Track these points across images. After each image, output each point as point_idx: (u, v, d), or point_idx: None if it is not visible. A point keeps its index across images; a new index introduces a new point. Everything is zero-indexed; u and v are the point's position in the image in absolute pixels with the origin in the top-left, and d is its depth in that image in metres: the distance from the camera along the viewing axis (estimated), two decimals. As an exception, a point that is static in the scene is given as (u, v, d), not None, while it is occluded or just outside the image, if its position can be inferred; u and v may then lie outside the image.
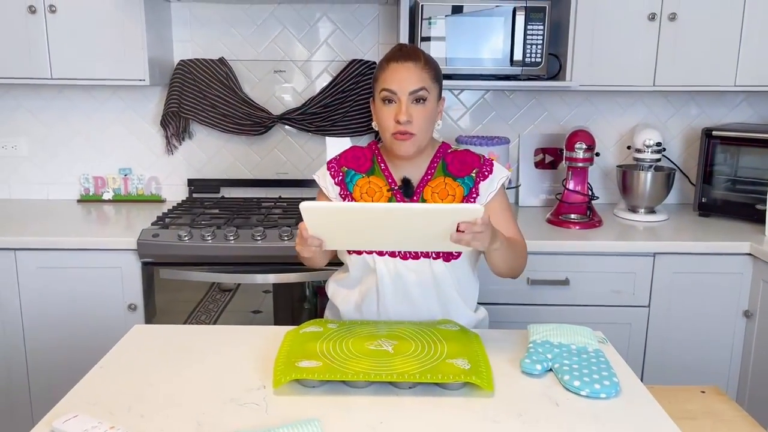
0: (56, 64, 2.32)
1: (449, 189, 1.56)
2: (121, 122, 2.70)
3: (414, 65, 1.47)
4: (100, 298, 2.19)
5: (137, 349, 1.34)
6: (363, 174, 1.60)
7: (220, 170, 2.74)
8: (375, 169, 1.60)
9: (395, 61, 1.48)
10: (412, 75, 1.46)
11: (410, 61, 1.48)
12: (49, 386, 2.23)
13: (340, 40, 2.64)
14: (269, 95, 2.67)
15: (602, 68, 2.34)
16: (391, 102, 1.47)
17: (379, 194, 1.57)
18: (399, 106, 1.46)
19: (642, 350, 2.24)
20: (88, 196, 2.72)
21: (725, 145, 2.45)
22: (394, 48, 1.54)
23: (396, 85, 1.46)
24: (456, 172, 1.57)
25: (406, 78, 1.46)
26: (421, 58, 1.49)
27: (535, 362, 1.25)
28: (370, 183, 1.58)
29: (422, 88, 1.46)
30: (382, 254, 1.52)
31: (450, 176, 1.57)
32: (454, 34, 2.27)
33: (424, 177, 1.57)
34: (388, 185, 1.57)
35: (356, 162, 1.62)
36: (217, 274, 2.17)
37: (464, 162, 1.58)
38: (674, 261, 2.18)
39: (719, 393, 1.46)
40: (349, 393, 1.16)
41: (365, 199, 1.57)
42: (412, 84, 1.46)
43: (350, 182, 1.60)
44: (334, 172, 1.61)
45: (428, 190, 1.56)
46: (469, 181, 1.56)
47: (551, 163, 2.72)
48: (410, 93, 1.46)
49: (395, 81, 1.46)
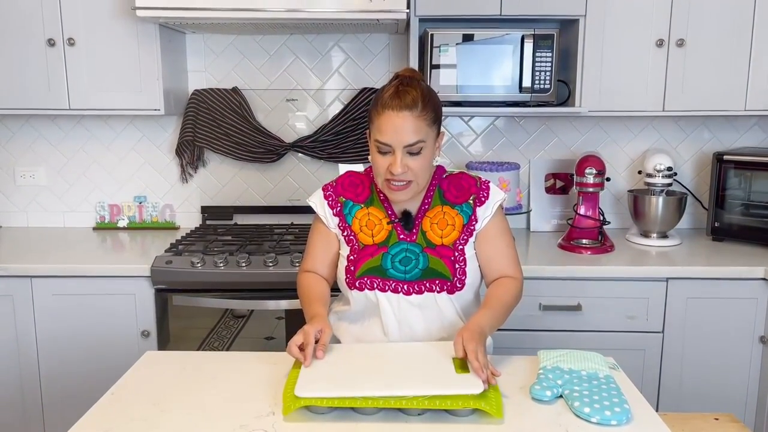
0: (74, 95, 2.38)
1: (448, 218, 1.52)
2: (137, 151, 2.75)
3: (410, 114, 1.39)
4: (114, 324, 2.20)
5: (149, 376, 1.35)
6: (361, 204, 1.56)
7: (233, 197, 2.77)
8: (374, 199, 1.56)
9: (391, 108, 1.39)
10: (407, 127, 1.39)
11: (406, 110, 1.39)
12: (63, 412, 2.24)
13: (351, 69, 2.68)
14: (282, 123, 2.71)
15: (611, 94, 2.35)
16: (386, 153, 1.42)
17: (379, 227, 1.53)
18: (394, 158, 1.41)
19: (657, 377, 2.21)
20: (103, 224, 2.76)
21: (737, 169, 2.45)
22: (391, 85, 1.44)
23: (390, 137, 1.39)
24: (453, 199, 1.54)
25: (401, 130, 1.39)
26: (419, 103, 1.40)
27: (545, 388, 1.24)
28: (369, 215, 1.54)
29: (418, 141, 1.40)
30: (384, 290, 1.49)
31: (448, 204, 1.54)
32: (464, 62, 2.30)
33: (421, 207, 1.54)
34: (388, 217, 1.54)
35: (354, 190, 1.58)
36: (230, 300, 2.18)
37: (460, 188, 1.55)
38: (688, 286, 2.16)
39: (734, 420, 1.43)
40: (357, 419, 1.16)
41: (365, 231, 1.53)
42: (407, 137, 1.39)
43: (349, 214, 1.55)
44: (332, 202, 1.57)
45: (426, 221, 1.52)
46: (468, 209, 1.53)
47: (562, 188, 2.72)
48: (405, 146, 1.40)
49: (389, 133, 1.39)
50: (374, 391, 1.16)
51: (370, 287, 1.50)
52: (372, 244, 1.52)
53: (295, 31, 2.57)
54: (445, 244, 1.51)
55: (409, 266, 1.50)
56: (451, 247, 1.51)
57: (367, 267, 1.50)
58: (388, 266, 1.50)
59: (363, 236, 1.53)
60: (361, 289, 1.50)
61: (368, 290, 1.50)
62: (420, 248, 1.51)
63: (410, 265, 1.50)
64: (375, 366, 1.28)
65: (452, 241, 1.52)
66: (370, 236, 1.53)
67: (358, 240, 1.54)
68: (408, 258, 1.50)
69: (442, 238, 1.51)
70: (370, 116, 1.46)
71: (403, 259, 1.50)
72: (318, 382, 1.21)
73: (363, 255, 1.51)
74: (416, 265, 1.49)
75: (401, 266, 1.50)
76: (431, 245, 1.51)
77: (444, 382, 1.20)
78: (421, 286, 1.49)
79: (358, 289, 1.51)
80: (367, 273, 1.50)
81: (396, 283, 1.49)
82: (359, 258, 1.51)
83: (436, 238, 1.51)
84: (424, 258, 1.50)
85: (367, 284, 1.50)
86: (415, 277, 1.49)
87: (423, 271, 1.49)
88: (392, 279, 1.49)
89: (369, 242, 1.53)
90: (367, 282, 1.50)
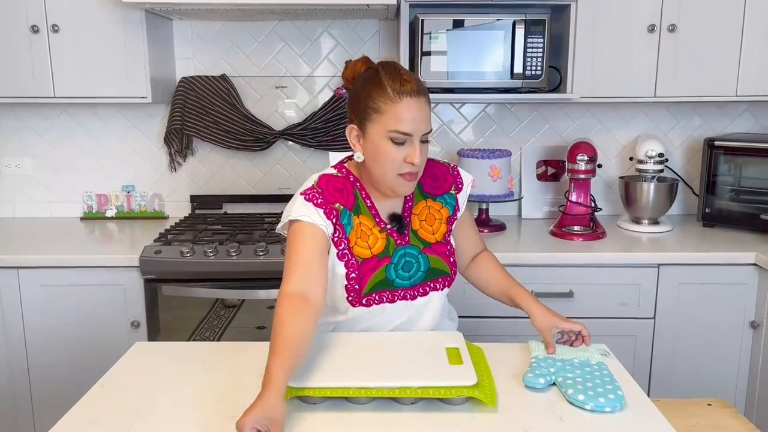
0: (59, 83, 2.33)
1: (434, 213, 1.49)
2: (124, 140, 2.71)
3: (425, 100, 1.33)
4: (103, 315, 2.18)
5: (138, 367, 1.33)
6: (351, 212, 1.41)
7: (223, 186, 2.74)
8: (360, 206, 1.42)
9: (408, 96, 1.31)
10: (425, 115, 1.33)
11: (422, 96, 1.33)
12: (52, 404, 2.22)
13: (341, 56, 2.65)
14: (271, 111, 2.68)
15: (603, 80, 2.34)
16: (401, 144, 1.33)
17: (373, 237, 1.41)
18: (412, 147, 1.33)
19: (648, 362, 2.22)
20: (91, 214, 2.73)
21: (728, 155, 2.45)
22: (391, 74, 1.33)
23: (412, 127, 1.31)
24: (432, 190, 1.50)
25: (420, 119, 1.32)
26: (423, 88, 1.35)
27: (537, 376, 1.23)
28: (361, 225, 1.41)
29: (431, 129, 1.37)
30: (393, 301, 1.42)
31: (429, 197, 1.49)
32: (455, 48, 2.28)
33: (405, 205, 1.47)
34: (377, 225, 1.42)
35: (342, 196, 1.41)
36: (220, 290, 2.17)
37: (436, 177, 1.51)
38: (679, 272, 2.16)
39: (727, 406, 1.44)
40: (350, 409, 1.15)
41: (360, 244, 1.39)
42: (426, 125, 1.34)
43: (348, 224, 1.40)
44: (328, 210, 1.37)
45: (415, 219, 1.46)
46: (451, 199, 1.51)
47: (553, 176, 2.71)
48: (423, 134, 1.34)
49: (411, 123, 1.31)
50: (368, 381, 1.16)
51: (379, 302, 1.41)
52: (371, 257, 1.40)
53: (283, 17, 2.53)
54: (438, 240, 1.48)
55: (412, 271, 1.44)
56: (443, 242, 1.49)
57: (374, 282, 1.40)
58: (393, 276, 1.42)
59: (359, 250, 1.40)
60: (369, 305, 1.41)
61: (376, 305, 1.42)
62: (417, 250, 1.45)
63: (413, 269, 1.44)
64: (368, 356, 1.27)
65: (443, 234, 1.49)
66: (366, 248, 1.40)
67: (354, 254, 1.39)
68: (409, 263, 1.44)
69: (434, 234, 1.48)
70: (374, 105, 1.32)
71: (405, 264, 1.43)
72: (310, 372, 1.20)
73: (366, 270, 1.40)
74: (418, 268, 1.44)
75: (405, 273, 1.43)
76: (427, 244, 1.46)
77: (438, 373, 1.19)
78: (426, 288, 1.46)
79: (364, 306, 1.41)
80: (375, 288, 1.40)
81: (403, 291, 1.43)
82: (362, 274, 1.39)
83: (428, 235, 1.47)
84: (425, 259, 1.45)
85: (375, 299, 1.41)
86: (419, 280, 1.45)
87: (425, 273, 1.45)
88: (399, 288, 1.43)
89: (367, 255, 1.40)
90: (375, 297, 1.41)
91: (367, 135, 1.36)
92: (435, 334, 1.38)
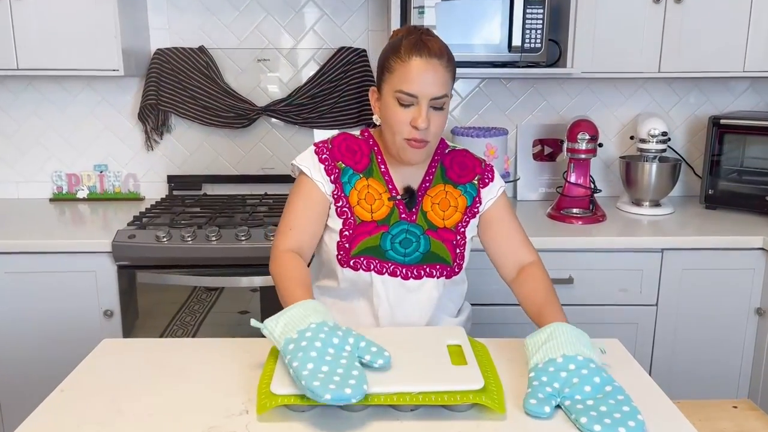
0: (23, 53, 2.16)
1: (450, 199, 1.41)
2: (95, 116, 2.54)
3: (439, 64, 1.27)
4: (74, 304, 2.04)
5: (105, 368, 1.20)
6: (360, 174, 1.40)
7: (202, 166, 2.59)
8: (373, 170, 1.40)
9: (419, 55, 1.26)
10: (438, 78, 1.26)
11: (436, 58, 1.26)
12: (22, 400, 2.09)
13: (327, 27, 2.50)
14: (253, 86, 2.52)
15: (605, 54, 2.22)
16: (409, 105, 1.28)
17: (379, 202, 1.38)
18: (418, 110, 1.27)
19: (650, 350, 2.13)
20: (61, 195, 2.57)
21: (733, 134, 2.34)
22: (410, 35, 1.29)
23: (418, 88, 1.26)
24: (456, 178, 1.43)
25: (431, 82, 1.26)
26: (445, 53, 1.29)
27: (542, 402, 1.04)
28: (368, 188, 1.39)
29: (444, 95, 1.28)
30: (381, 273, 1.37)
31: (450, 183, 1.42)
32: (447, 18, 2.14)
33: (422, 183, 1.41)
34: (389, 192, 1.39)
35: (352, 157, 1.40)
36: (199, 277, 2.03)
37: (464, 166, 1.44)
38: (683, 257, 2.06)
39: (753, 408, 1.34)
40: (343, 417, 1.03)
41: (362, 205, 1.37)
42: (436, 89, 1.27)
43: (348, 183, 1.38)
44: (329, 167, 1.39)
45: (428, 200, 1.40)
46: (472, 189, 1.43)
47: (550, 155, 2.59)
48: (432, 99, 1.27)
49: (418, 84, 1.26)
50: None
51: (366, 268, 1.37)
52: (371, 221, 1.38)
53: (265, -16, 2.37)
54: (447, 227, 1.40)
55: (410, 249, 1.37)
56: (453, 230, 1.40)
57: (365, 246, 1.36)
58: (388, 247, 1.37)
59: (360, 210, 1.38)
60: (356, 268, 1.37)
61: (363, 271, 1.37)
62: (421, 230, 1.38)
63: (410, 247, 1.37)
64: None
65: (454, 223, 1.40)
66: (368, 211, 1.38)
67: (354, 213, 1.38)
68: (408, 240, 1.38)
69: (444, 221, 1.40)
70: (387, 65, 1.29)
71: (404, 240, 1.37)
72: None
73: (361, 232, 1.37)
74: (417, 248, 1.38)
75: (401, 248, 1.37)
76: (433, 227, 1.39)
77: (440, 375, 1.07)
78: (420, 271, 1.38)
79: (351, 268, 1.37)
80: (364, 252, 1.37)
81: (394, 265, 1.37)
82: (356, 235, 1.37)
83: (438, 220, 1.40)
84: (426, 241, 1.38)
85: (363, 264, 1.37)
86: (415, 260, 1.38)
87: (423, 255, 1.38)
88: (390, 261, 1.37)
89: (367, 218, 1.37)
90: (363, 262, 1.37)
91: (381, 96, 1.33)
92: (435, 330, 1.26)
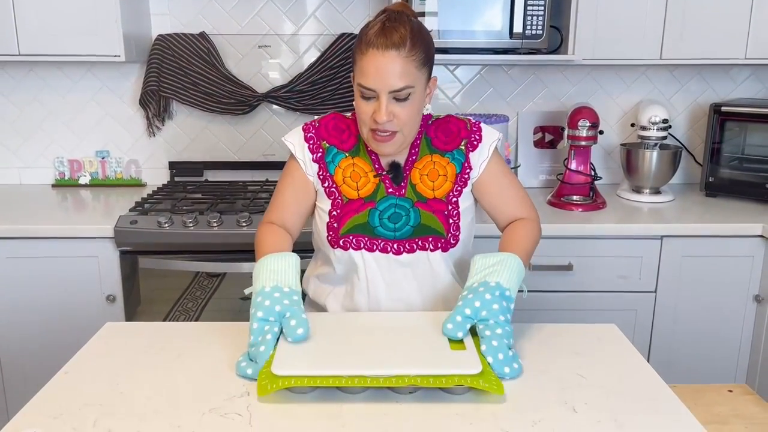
0: (24, 39, 2.16)
1: (439, 168, 1.39)
2: (97, 102, 2.54)
3: (397, 55, 1.23)
4: (76, 289, 2.06)
5: (108, 351, 1.21)
6: (346, 153, 1.40)
7: (203, 152, 2.59)
8: (359, 149, 1.40)
9: (375, 47, 1.23)
10: (395, 70, 1.23)
11: (392, 49, 1.23)
12: (25, 384, 2.10)
13: (328, 13, 2.49)
14: (254, 72, 2.52)
15: (606, 41, 2.21)
16: (370, 99, 1.27)
17: (365, 180, 1.38)
18: (378, 104, 1.26)
19: (648, 337, 2.15)
20: (63, 181, 2.57)
21: (734, 121, 2.34)
22: (377, 21, 1.28)
23: (374, 83, 1.24)
24: (442, 146, 1.40)
25: (386, 73, 1.23)
26: (407, 42, 1.24)
27: (457, 327, 1.14)
28: (354, 166, 1.39)
29: (405, 87, 1.25)
30: (372, 250, 1.37)
31: (437, 152, 1.40)
32: (447, 6, 2.13)
33: (409, 157, 1.39)
34: (375, 170, 1.39)
35: (339, 136, 1.41)
36: (201, 263, 2.05)
37: (449, 132, 1.41)
38: (682, 244, 2.07)
39: (748, 392, 1.35)
40: (342, 399, 1.04)
41: (348, 183, 1.38)
42: (393, 81, 1.24)
43: (332, 162, 1.39)
44: (314, 146, 1.40)
45: (416, 172, 1.38)
46: (459, 155, 1.39)
47: (551, 142, 2.59)
48: (391, 92, 1.25)
49: (373, 78, 1.24)
50: (362, 369, 1.04)
51: (356, 246, 1.36)
52: (357, 199, 1.37)
53: (266, -30, 2.37)
54: (438, 197, 1.38)
55: (399, 223, 1.36)
56: (444, 200, 1.38)
57: (353, 224, 1.36)
58: (376, 223, 1.36)
59: (346, 189, 1.38)
60: (346, 248, 1.37)
61: (353, 250, 1.36)
62: (410, 203, 1.37)
63: (400, 221, 1.36)
64: (362, 340, 1.16)
65: (445, 193, 1.38)
66: (354, 189, 1.38)
67: (341, 193, 1.38)
68: (398, 214, 1.36)
69: (434, 191, 1.38)
70: (354, 56, 1.30)
71: (393, 215, 1.36)
72: (298, 357, 1.08)
73: (347, 210, 1.37)
74: (407, 221, 1.36)
75: (390, 223, 1.36)
76: (422, 199, 1.37)
77: (438, 360, 1.08)
78: (413, 245, 1.36)
79: (342, 248, 1.37)
80: (353, 231, 1.36)
81: (384, 242, 1.36)
82: (343, 214, 1.37)
83: (427, 191, 1.38)
84: (416, 213, 1.36)
85: (353, 243, 1.36)
86: (406, 234, 1.36)
87: (414, 228, 1.36)
88: (380, 238, 1.36)
89: (354, 196, 1.38)
90: (352, 241, 1.36)
91: (354, 95, 1.33)
92: (433, 315, 1.27)
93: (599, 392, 1.08)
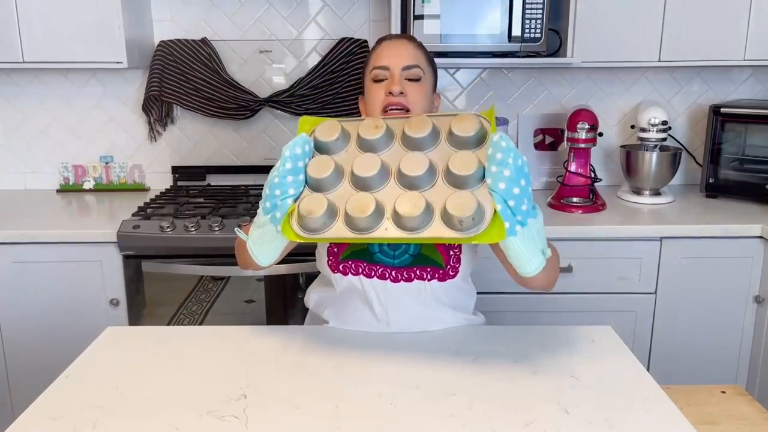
0: (28, 46, 2.19)
1: None
2: (100, 108, 2.57)
3: (409, 42, 1.41)
4: (80, 293, 2.08)
5: (109, 355, 1.23)
6: None
7: (206, 157, 2.62)
8: None
9: (388, 39, 1.43)
10: (408, 51, 1.39)
11: (404, 39, 1.42)
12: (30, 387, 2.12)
13: (329, 18, 2.51)
14: (255, 77, 2.55)
15: (605, 44, 2.22)
16: (383, 80, 1.37)
17: None
18: (392, 78, 1.36)
19: (648, 338, 2.15)
20: (68, 186, 2.60)
21: (734, 123, 2.34)
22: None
23: (388, 60, 1.37)
24: None
25: (399, 53, 1.38)
26: (415, 39, 1.44)
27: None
28: None
29: (417, 66, 1.37)
30: (370, 276, 1.35)
31: None
32: (449, 10, 2.15)
33: None
34: None
35: None
36: (203, 266, 2.07)
37: None
38: (682, 245, 2.08)
39: (741, 393, 1.36)
40: (339, 400, 1.06)
41: None
42: (406, 59, 1.37)
43: None
44: None
45: None
46: None
47: (551, 144, 2.60)
48: (404, 68, 1.36)
49: (387, 56, 1.38)
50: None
51: (355, 272, 1.35)
52: None
53: (267, -24, 2.39)
54: None
55: (398, 251, 1.34)
56: None
57: (353, 249, 1.35)
58: (376, 250, 1.35)
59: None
60: (345, 273, 1.36)
61: (352, 275, 1.35)
62: None
63: (399, 249, 1.34)
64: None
65: None
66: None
67: None
68: (397, 243, 1.34)
69: None
70: (366, 63, 1.43)
71: (393, 243, 1.34)
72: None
73: None
74: (406, 250, 1.34)
75: (390, 251, 1.34)
76: None
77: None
78: (411, 273, 1.34)
79: (341, 273, 1.36)
80: (352, 256, 1.35)
81: (383, 268, 1.34)
82: None
83: None
84: (415, 244, 1.34)
85: (352, 269, 1.35)
86: (405, 263, 1.34)
87: (413, 257, 1.35)
88: (379, 264, 1.34)
89: None
90: (351, 266, 1.35)
91: (364, 94, 1.43)
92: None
93: (591, 393, 1.09)
